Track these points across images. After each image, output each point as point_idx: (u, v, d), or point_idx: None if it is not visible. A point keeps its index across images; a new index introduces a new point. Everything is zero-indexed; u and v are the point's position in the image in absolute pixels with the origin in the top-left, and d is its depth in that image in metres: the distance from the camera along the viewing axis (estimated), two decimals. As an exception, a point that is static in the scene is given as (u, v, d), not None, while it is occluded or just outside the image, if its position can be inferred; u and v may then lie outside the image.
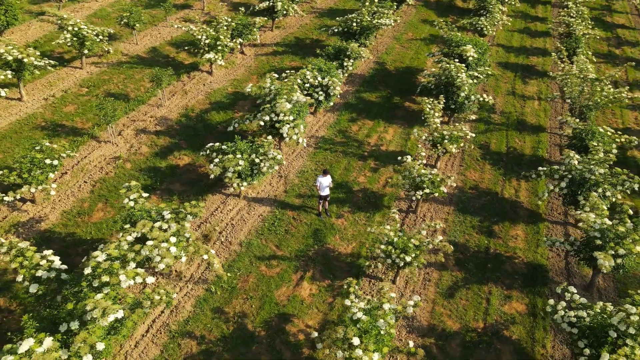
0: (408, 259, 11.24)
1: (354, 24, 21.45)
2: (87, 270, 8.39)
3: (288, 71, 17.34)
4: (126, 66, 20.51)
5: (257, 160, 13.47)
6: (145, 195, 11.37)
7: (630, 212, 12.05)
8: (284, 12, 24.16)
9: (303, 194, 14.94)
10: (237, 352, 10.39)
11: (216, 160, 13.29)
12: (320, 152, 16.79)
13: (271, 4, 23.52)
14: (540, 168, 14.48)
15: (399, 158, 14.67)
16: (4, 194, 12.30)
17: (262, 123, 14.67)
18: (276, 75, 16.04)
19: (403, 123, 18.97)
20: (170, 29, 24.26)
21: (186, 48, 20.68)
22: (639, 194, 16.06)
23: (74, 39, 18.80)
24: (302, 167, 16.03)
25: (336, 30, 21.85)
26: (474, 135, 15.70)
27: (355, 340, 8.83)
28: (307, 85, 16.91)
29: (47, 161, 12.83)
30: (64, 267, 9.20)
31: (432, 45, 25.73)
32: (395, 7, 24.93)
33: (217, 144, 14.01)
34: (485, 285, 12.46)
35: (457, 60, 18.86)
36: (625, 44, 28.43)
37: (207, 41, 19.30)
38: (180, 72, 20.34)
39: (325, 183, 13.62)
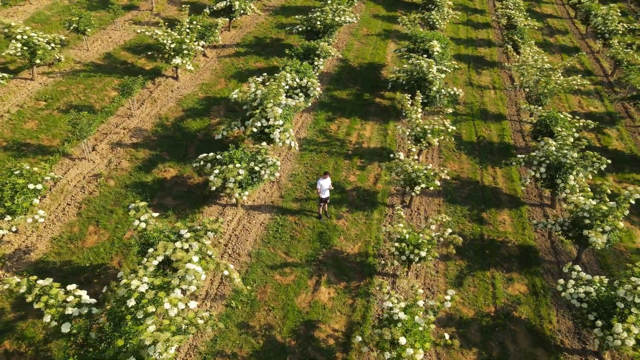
0: (423, 253, 11.67)
1: (318, 23, 21.50)
2: (131, 302, 7.93)
3: (265, 74, 17.12)
4: (83, 75, 19.17)
5: (256, 168, 13.27)
6: (155, 214, 10.84)
7: (609, 191, 13.27)
8: (242, 11, 23.68)
9: (299, 197, 14.91)
10: (272, 365, 10.32)
11: (216, 171, 12.91)
12: (306, 154, 16.79)
13: (228, 3, 22.95)
14: (519, 155, 15.48)
15: (391, 155, 15.05)
16: (-13, 227, 11.22)
17: (254, 129, 14.42)
18: (260, 79, 15.79)
19: (378, 119, 19.41)
20: (121, 32, 22.94)
21: (149, 53, 19.70)
22: (602, 174, 17.62)
23: (24, 48, 17.29)
24: (292, 170, 15.96)
25: (300, 29, 21.78)
26: (454, 127, 16.44)
27: (402, 340, 9.09)
28: (286, 87, 16.79)
29: (31, 186, 11.83)
30: (93, 301, 8.62)
31: (388, 40, 26.38)
32: (352, 3, 25.20)
33: (212, 154, 13.60)
34: (488, 271, 13.22)
35: (425, 55, 19.55)
36: (556, 32, 30.79)
37: (172, 45, 18.51)
38: (144, 79, 19.35)
39: (325, 185, 13.70)
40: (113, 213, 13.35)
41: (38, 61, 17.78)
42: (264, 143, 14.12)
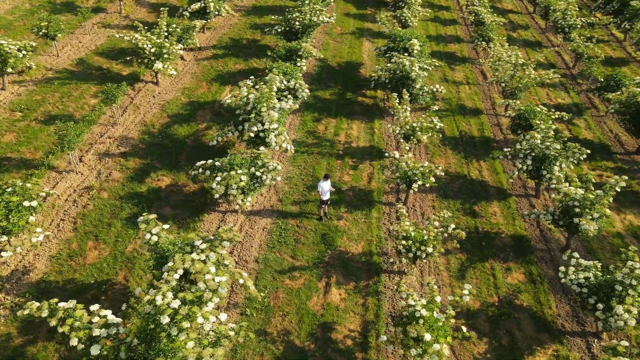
0: (429, 249, 12.02)
1: (297, 23, 21.48)
2: (165, 320, 7.77)
3: (252, 77, 16.99)
4: (57, 83, 18.38)
5: (258, 174, 13.20)
6: (165, 226, 10.61)
7: (594, 180, 14.05)
8: (216, 12, 23.31)
9: (297, 200, 14.95)
10: (295, 370, 10.37)
11: (218, 179, 12.75)
12: (298, 156, 16.81)
13: (203, 4, 22.53)
14: (505, 149, 16.13)
15: (386, 154, 15.31)
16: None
17: (252, 134, 14.31)
18: (250, 83, 15.66)
19: (363, 118, 19.65)
20: (91, 36, 22.10)
21: (128, 58, 19.07)
22: (578, 163, 18.52)
23: (-6, 56, 16.42)
24: (286, 173, 15.96)
25: (279, 30, 21.69)
26: (442, 124, 16.89)
27: (427, 336, 9.36)
28: (275, 90, 16.73)
29: (25, 203, 11.30)
30: (119, 320, 8.39)
31: (362, 38, 26.67)
32: (329, 3, 25.26)
33: (210, 161, 13.42)
34: (487, 262, 13.74)
35: (406, 54, 19.94)
36: (518, 27, 32.04)
37: (152, 50, 18.03)
38: (115, 85, 18.71)
39: (326, 188, 13.81)
40: (111, 226, 12.95)
41: (10, 70, 16.91)
42: (262, 148, 14.04)
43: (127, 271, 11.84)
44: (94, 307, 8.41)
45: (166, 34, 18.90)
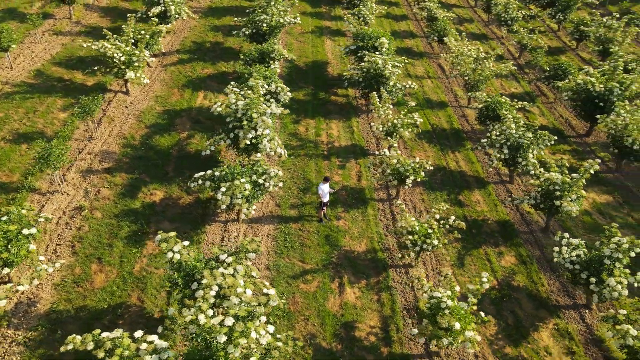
0: (435, 242, 12.65)
1: (264, 25, 21.37)
2: (222, 338, 7.73)
3: (232, 83, 16.80)
4: (19, 97, 17.18)
5: (260, 181, 13.20)
6: (185, 243, 10.41)
7: (567, 165, 15.29)
8: (177, 16, 22.65)
9: (294, 204, 15.07)
10: (327, 372, 10.59)
11: (223, 189, 12.60)
12: (287, 160, 16.87)
13: (163, 8, 21.81)
14: (482, 140, 17.12)
15: (376, 153, 15.75)
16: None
17: (247, 142, 14.21)
18: (237, 90, 15.49)
19: (339, 117, 20.00)
20: (44, 45, 20.75)
21: (96, 68, 18.10)
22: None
23: (-52, 73, 15.08)
24: (279, 178, 15.97)
25: (247, 32, 21.48)
26: (421, 120, 17.59)
27: (457, 325, 9.93)
28: (262, 95, 16.68)
29: (25, 231, 10.65)
30: (166, 344, 8.22)
31: (323, 37, 26.94)
32: (293, 3, 25.23)
33: (209, 171, 13.22)
34: (480, 248, 14.60)
35: (377, 52, 20.46)
36: (464, 21, 33.66)
37: (122, 58, 17.29)
38: (90, 97, 17.82)
39: (326, 190, 14.05)
40: (113, 247, 12.45)
41: (-34, 86, 15.62)
42: (258, 155, 14.02)
43: (139, 292, 11.48)
44: (138, 334, 8.19)
45: (133, 40, 18.16)
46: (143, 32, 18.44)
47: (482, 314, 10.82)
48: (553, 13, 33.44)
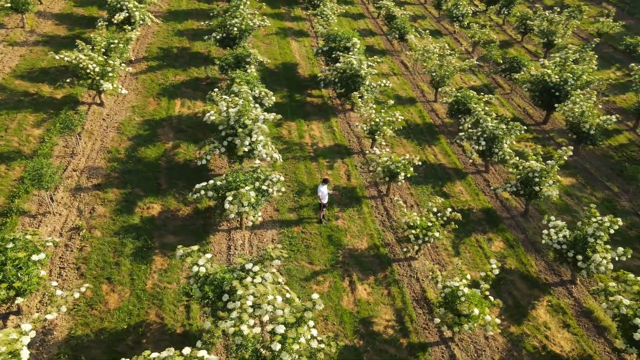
0: (437, 234, 13.34)
1: (235, 29, 21.24)
2: (277, 346, 7.90)
3: (216, 89, 16.68)
4: (-15, 115, 16.16)
5: (264, 187, 13.30)
6: (208, 256, 10.39)
7: (542, 152, 16.48)
8: (141, 22, 21.99)
9: (292, 207, 15.26)
10: (355, 368, 10.97)
11: (229, 198, 12.59)
12: (277, 164, 16.97)
13: (127, 14, 21.11)
14: (460, 133, 18.05)
15: (367, 152, 16.22)
16: None
17: (245, 149, 14.22)
18: (227, 97, 15.41)
19: (319, 118, 20.31)
20: (0, 57, 19.50)
21: (68, 80, 17.23)
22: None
23: None
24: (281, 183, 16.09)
25: (218, 37, 21.25)
26: (402, 117, 18.26)
27: (476, 311, 10.62)
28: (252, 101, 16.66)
29: (34, 257, 10.21)
30: (216, 357, 8.26)
31: (287, 38, 27.06)
32: (261, 6, 25.14)
33: (211, 181, 13.16)
34: (471, 237, 15.47)
35: (350, 53, 20.92)
36: (417, 18, 34.86)
37: (96, 69, 16.66)
38: (62, 111, 17.07)
39: (325, 191, 14.36)
40: (120, 265, 12.13)
41: None
42: (257, 161, 14.09)
43: (157, 308, 11.31)
44: (186, 351, 8.18)
45: (104, 49, 17.52)
46: (116, 40, 17.80)
47: (491, 297, 11.60)
48: (498, 9, 35.42)
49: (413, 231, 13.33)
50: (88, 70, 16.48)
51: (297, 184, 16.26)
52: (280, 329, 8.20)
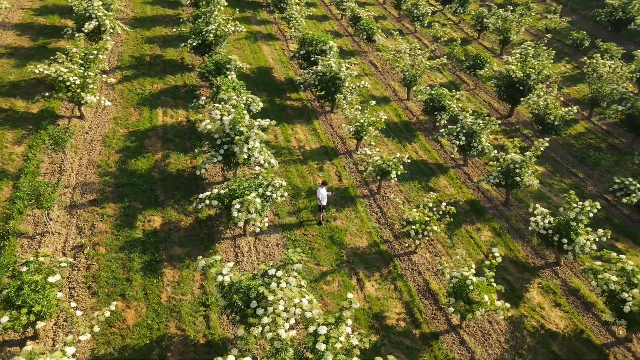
0: (436, 228, 14.03)
1: (211, 35, 21.14)
2: (322, 347, 8.20)
3: (204, 98, 16.64)
4: (-40, 134, 15.35)
5: (268, 193, 13.50)
6: (230, 264, 10.50)
7: (518, 145, 17.55)
8: (111, 30, 21.44)
9: (291, 211, 15.51)
10: None
11: (237, 206, 12.70)
12: (269, 169, 17.11)
13: (97, 22, 20.51)
14: (441, 130, 18.90)
15: (358, 152, 16.68)
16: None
17: (245, 157, 14.32)
18: (218, 105, 15.42)
19: (301, 121, 20.60)
20: (-36, 72, 18.51)
21: (47, 94, 16.55)
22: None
23: None
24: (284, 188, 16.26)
25: (194, 43, 21.07)
26: (386, 117, 18.87)
27: (486, 297, 11.33)
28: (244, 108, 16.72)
29: (51, 279, 9.98)
30: (259, 363, 8.47)
31: (258, 42, 27.11)
32: (234, 13, 24.96)
33: (215, 190, 13.21)
34: (462, 228, 16.30)
35: (327, 56, 21.31)
36: (379, 18, 35.69)
37: (77, 81, 16.18)
38: (42, 126, 16.46)
39: (324, 193, 14.72)
40: (132, 281, 11.98)
41: None
42: (257, 167, 14.25)
43: (176, 321, 11.29)
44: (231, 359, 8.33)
45: (82, 61, 17.02)
46: (95, 51, 17.30)
47: (495, 284, 12.38)
48: (453, 8, 36.94)
49: (413, 226, 13.94)
50: (68, 83, 15.99)
51: (292, 187, 16.51)
52: (323, 330, 8.51)
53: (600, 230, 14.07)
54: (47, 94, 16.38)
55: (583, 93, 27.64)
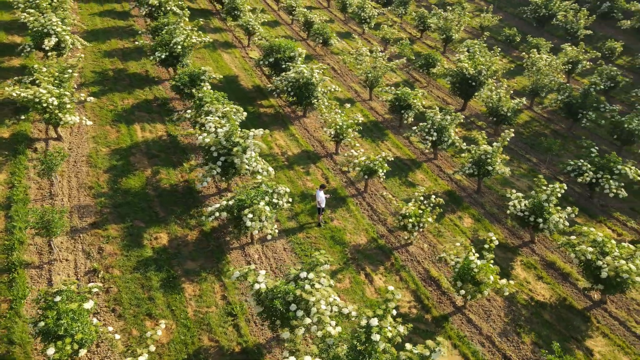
0: (430, 220, 15.16)
1: (179, 47, 20.99)
2: (377, 337, 8.91)
3: (189, 111, 16.67)
4: None
5: (274, 200, 13.93)
6: (262, 272, 10.89)
7: (485, 136, 19.15)
8: (71, 46, 20.64)
9: (289, 216, 15.99)
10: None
11: (250, 215, 13.03)
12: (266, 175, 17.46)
13: (57, 39, 19.70)
14: (414, 127, 20.15)
15: (346, 154, 17.44)
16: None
17: (247, 167, 14.61)
18: (209, 117, 15.55)
19: (277, 127, 21.04)
20: None
21: (23, 117, 15.71)
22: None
23: None
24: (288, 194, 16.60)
25: (162, 56, 20.82)
26: (362, 118, 19.78)
27: (492, 278, 12.55)
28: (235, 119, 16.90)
29: (86, 306, 9.89)
30: (318, 360, 9.01)
31: (217, 50, 27.06)
32: (199, 22, 24.71)
33: (224, 202, 13.45)
34: (446, 218, 17.57)
35: (298, 62, 21.88)
36: (326, 22, 36.56)
37: (55, 102, 15.62)
38: (18, 151, 15.72)
39: (322, 196, 15.37)
40: (155, 299, 11.97)
41: None
42: (259, 177, 14.62)
43: (207, 333, 11.48)
44: (292, 361, 8.81)
45: (58, 81, 16.42)
46: (70, 70, 16.68)
47: (491, 265, 13.66)
48: (394, 9, 38.74)
49: (410, 220, 14.96)
50: (45, 105, 15.40)
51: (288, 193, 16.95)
52: (374, 322, 9.22)
53: (569, 208, 15.86)
54: (23, 117, 15.58)
55: (522, 85, 30.24)
